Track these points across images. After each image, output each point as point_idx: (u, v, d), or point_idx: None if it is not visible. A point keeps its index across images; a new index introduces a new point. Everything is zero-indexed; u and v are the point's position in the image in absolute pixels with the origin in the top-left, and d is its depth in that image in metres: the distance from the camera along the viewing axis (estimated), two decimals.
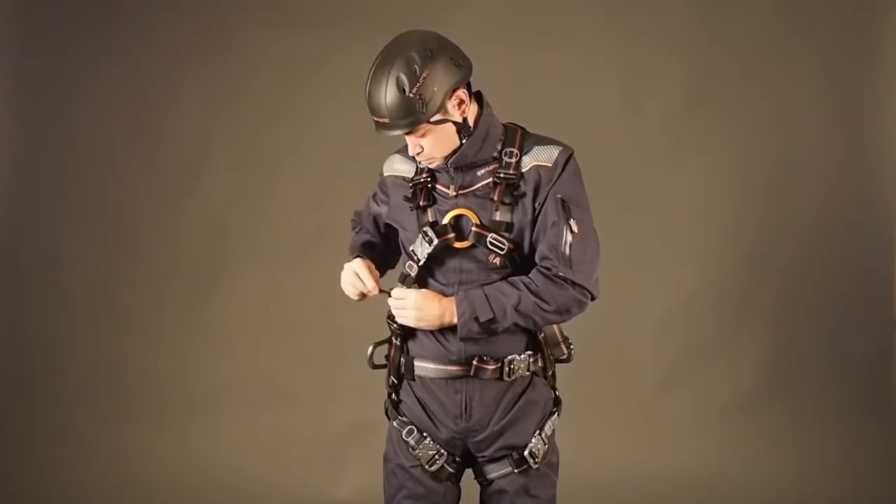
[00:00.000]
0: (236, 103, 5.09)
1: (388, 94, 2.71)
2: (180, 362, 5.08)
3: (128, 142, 5.08)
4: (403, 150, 2.96)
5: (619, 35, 5.13)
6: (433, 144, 2.78)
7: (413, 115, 2.70)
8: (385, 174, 2.99)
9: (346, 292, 2.95)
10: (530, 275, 2.81)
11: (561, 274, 2.76)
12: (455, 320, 2.79)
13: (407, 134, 2.76)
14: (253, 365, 5.09)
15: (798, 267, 5.23)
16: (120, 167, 5.09)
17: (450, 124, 2.76)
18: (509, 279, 2.81)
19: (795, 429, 5.14)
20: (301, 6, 5.08)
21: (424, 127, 2.74)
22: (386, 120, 2.73)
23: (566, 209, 2.78)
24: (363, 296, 2.92)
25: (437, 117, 2.73)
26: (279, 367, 5.08)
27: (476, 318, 2.77)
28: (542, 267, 2.79)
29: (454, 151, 2.80)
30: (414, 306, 2.81)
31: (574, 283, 2.77)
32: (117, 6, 5.03)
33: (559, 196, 2.78)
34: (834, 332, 5.23)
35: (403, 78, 2.69)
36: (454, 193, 2.84)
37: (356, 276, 2.89)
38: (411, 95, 2.69)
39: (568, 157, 2.83)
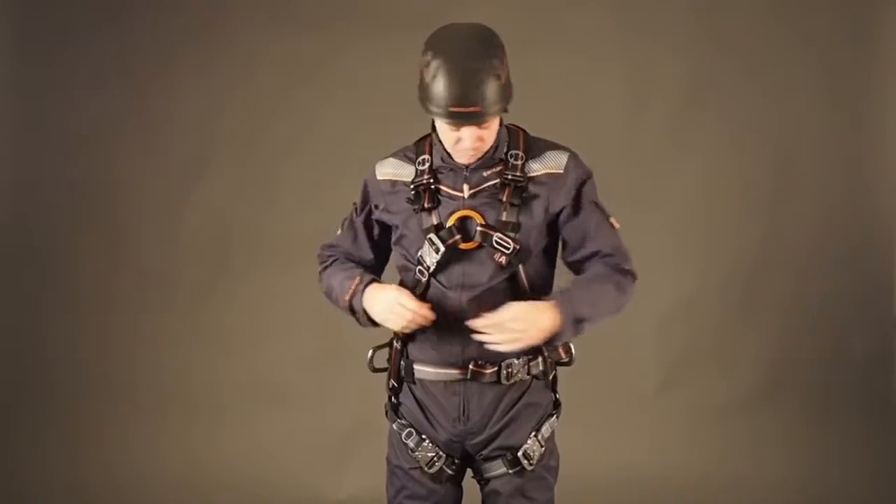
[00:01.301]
0: (236, 104, 5.09)
1: (486, 82, 2.66)
2: (181, 363, 5.08)
3: (128, 142, 5.08)
4: (398, 155, 2.92)
5: (621, 35, 5.13)
6: (489, 136, 2.78)
7: (502, 101, 2.70)
8: (379, 178, 2.92)
9: (401, 326, 2.78)
10: (602, 272, 2.82)
11: (627, 267, 2.84)
12: (557, 325, 2.72)
13: (480, 124, 2.71)
14: (254, 366, 5.09)
15: (798, 267, 5.23)
16: (120, 167, 5.09)
17: (499, 117, 2.78)
18: (597, 275, 2.81)
19: (795, 429, 5.14)
20: (301, 6, 5.08)
21: (496, 116, 2.73)
22: (478, 109, 2.66)
23: (602, 210, 2.88)
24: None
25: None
26: (280, 368, 5.08)
27: (575, 321, 2.74)
28: (611, 263, 2.83)
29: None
30: (529, 325, 2.69)
31: (635, 276, 2.86)
32: (117, 7, 5.03)
33: (592, 201, 2.86)
34: (834, 332, 5.24)
35: (497, 64, 2.67)
36: (468, 193, 2.83)
37: (403, 305, 2.75)
38: (503, 82, 2.69)
39: (577, 162, 2.87)
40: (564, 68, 5.09)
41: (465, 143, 2.75)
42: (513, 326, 2.67)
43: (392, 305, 2.77)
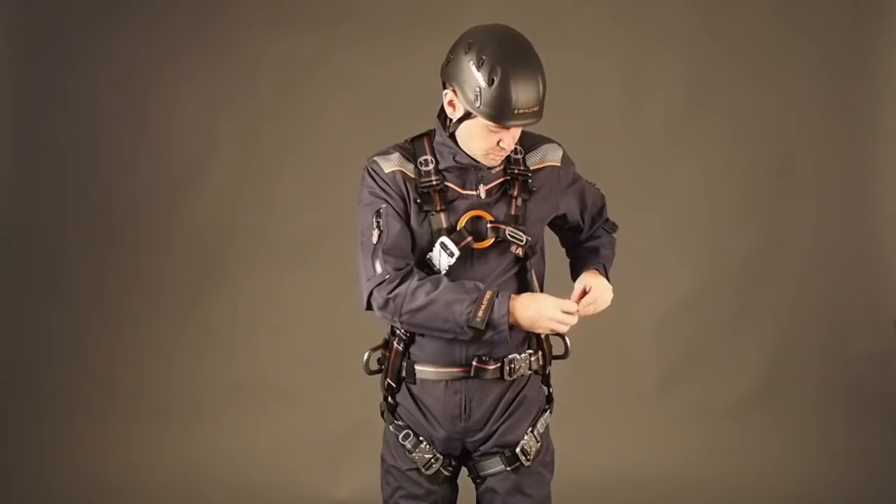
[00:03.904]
0: (236, 104, 5.09)
1: (543, 83, 2.71)
2: (180, 363, 5.08)
3: (128, 142, 5.08)
4: (398, 150, 2.87)
5: (620, 34, 5.13)
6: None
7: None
8: (386, 170, 2.82)
9: (556, 329, 2.81)
10: (606, 238, 3.11)
11: (613, 222, 3.18)
12: None
13: (530, 126, 2.77)
14: (253, 365, 5.09)
15: (798, 266, 5.24)
16: (120, 167, 5.09)
17: None
18: (605, 244, 3.08)
19: (795, 429, 5.14)
20: (301, 6, 5.08)
21: None
22: (537, 108, 2.71)
23: (587, 182, 3.06)
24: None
25: None
26: (279, 368, 5.08)
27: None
28: (607, 226, 3.15)
29: None
30: (607, 294, 2.94)
31: (616, 226, 3.22)
32: (118, 6, 5.03)
33: (583, 182, 3.04)
34: (834, 332, 5.24)
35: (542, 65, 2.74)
36: (484, 192, 2.83)
37: (562, 309, 2.77)
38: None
39: (566, 154, 2.98)
40: (562, 67, 5.05)
41: (506, 145, 2.76)
42: (606, 297, 2.92)
43: (554, 313, 2.76)
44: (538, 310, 2.75)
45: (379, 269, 2.77)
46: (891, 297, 5.25)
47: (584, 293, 2.91)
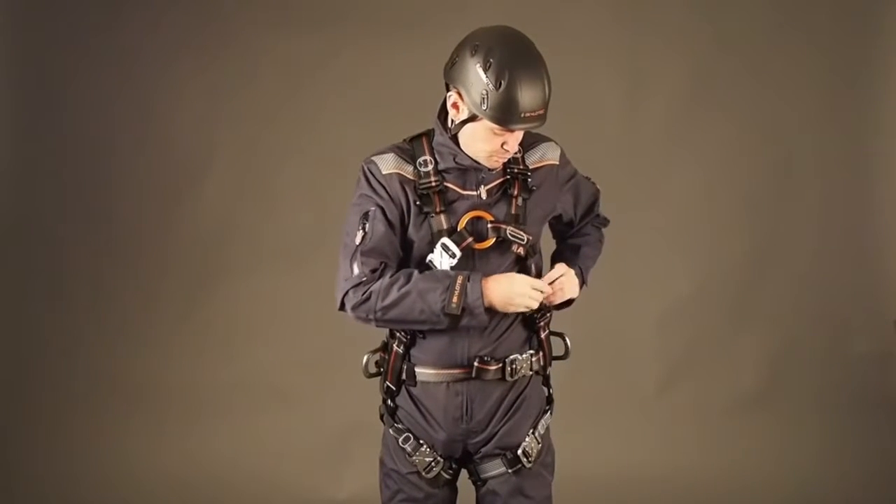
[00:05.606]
0: (236, 104, 5.09)
1: (549, 86, 2.71)
2: (180, 363, 5.08)
3: (128, 142, 5.08)
4: (395, 151, 2.86)
5: (620, 34, 5.14)
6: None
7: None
8: (385, 172, 2.82)
9: (529, 305, 2.80)
10: (593, 235, 3.13)
11: (604, 217, 3.19)
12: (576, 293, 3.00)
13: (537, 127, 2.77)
14: (253, 366, 5.09)
15: (798, 266, 5.24)
16: (120, 167, 5.09)
17: None
18: (591, 241, 3.10)
19: (796, 428, 5.14)
20: (301, 6, 5.08)
21: None
22: (543, 111, 2.71)
23: (583, 177, 3.09)
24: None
25: None
26: (279, 368, 5.08)
27: (582, 284, 3.05)
28: (598, 222, 3.16)
29: None
30: (574, 287, 2.95)
31: (608, 221, 3.22)
32: (118, 6, 5.03)
33: (579, 178, 3.06)
34: (834, 332, 5.24)
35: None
36: (485, 192, 2.83)
37: (532, 286, 2.80)
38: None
39: (563, 153, 3.00)
40: (562, 66, 5.04)
41: (510, 147, 2.76)
42: (572, 289, 2.94)
43: (525, 289, 2.77)
44: (509, 287, 2.76)
45: (356, 270, 2.78)
46: (891, 297, 5.25)
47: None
